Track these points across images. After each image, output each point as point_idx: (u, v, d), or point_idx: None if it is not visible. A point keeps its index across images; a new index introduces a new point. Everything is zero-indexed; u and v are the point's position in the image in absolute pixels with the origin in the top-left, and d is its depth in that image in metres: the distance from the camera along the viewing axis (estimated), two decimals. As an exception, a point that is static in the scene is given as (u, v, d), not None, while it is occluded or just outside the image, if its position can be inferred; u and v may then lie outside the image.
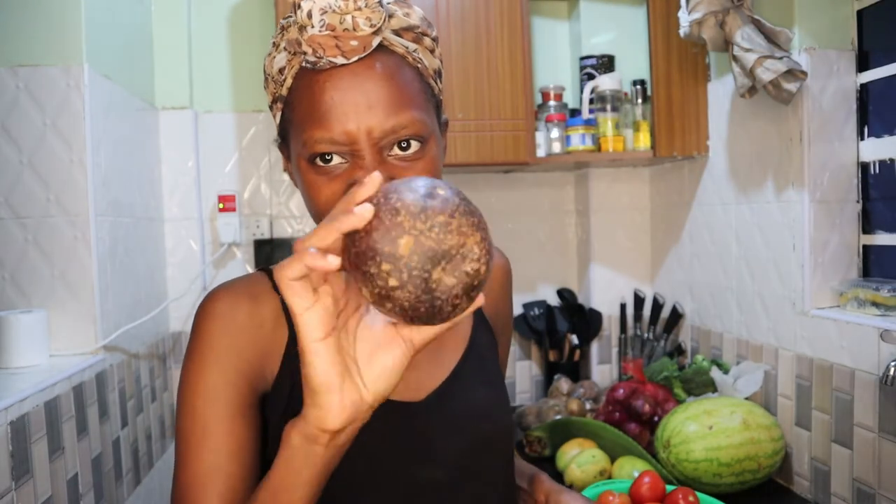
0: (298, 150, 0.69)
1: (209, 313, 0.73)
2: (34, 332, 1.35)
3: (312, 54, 0.66)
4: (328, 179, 0.69)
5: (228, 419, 0.70)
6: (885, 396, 1.25)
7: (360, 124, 0.66)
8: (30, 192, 1.41)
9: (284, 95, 0.71)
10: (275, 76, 0.71)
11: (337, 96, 0.66)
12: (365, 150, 0.66)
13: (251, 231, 2.11)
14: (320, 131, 0.66)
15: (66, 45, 1.42)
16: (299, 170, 0.71)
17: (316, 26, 0.65)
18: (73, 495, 1.29)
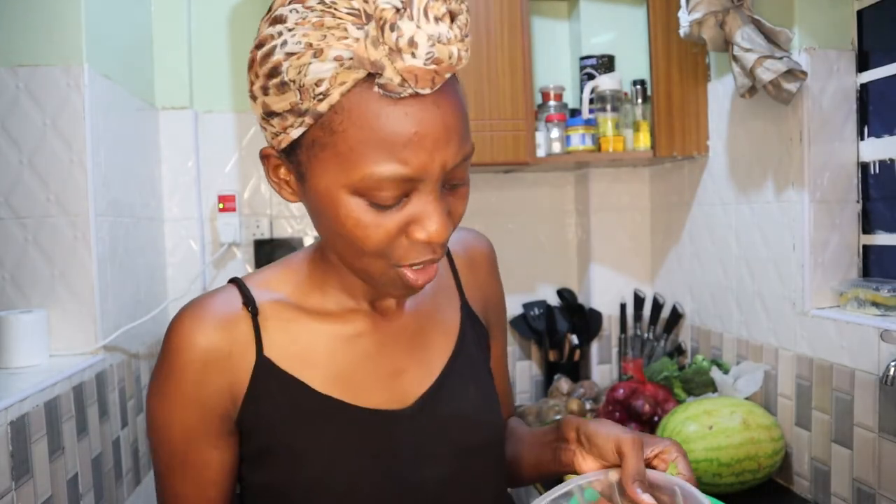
0: (343, 181, 0.60)
1: (177, 344, 0.69)
2: (34, 332, 1.35)
3: (399, 84, 0.57)
4: (383, 217, 0.62)
5: (205, 450, 0.70)
6: (885, 396, 1.25)
7: (437, 158, 0.60)
8: (30, 192, 1.41)
9: (321, 112, 0.59)
10: (308, 86, 0.58)
11: (420, 129, 0.58)
12: (433, 184, 0.61)
13: (251, 231, 2.11)
14: (392, 166, 0.58)
15: (66, 45, 1.42)
16: (336, 203, 0.62)
17: (420, 58, 0.55)
18: (73, 495, 1.29)
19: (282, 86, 0.60)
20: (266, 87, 0.61)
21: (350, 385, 0.72)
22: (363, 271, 0.67)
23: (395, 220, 0.62)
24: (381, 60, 0.56)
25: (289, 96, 0.60)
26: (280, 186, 0.68)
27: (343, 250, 0.66)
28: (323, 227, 0.67)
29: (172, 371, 0.69)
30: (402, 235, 0.63)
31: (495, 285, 0.90)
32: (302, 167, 0.64)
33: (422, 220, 0.62)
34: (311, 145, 0.61)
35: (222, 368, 0.70)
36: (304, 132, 0.61)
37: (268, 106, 0.62)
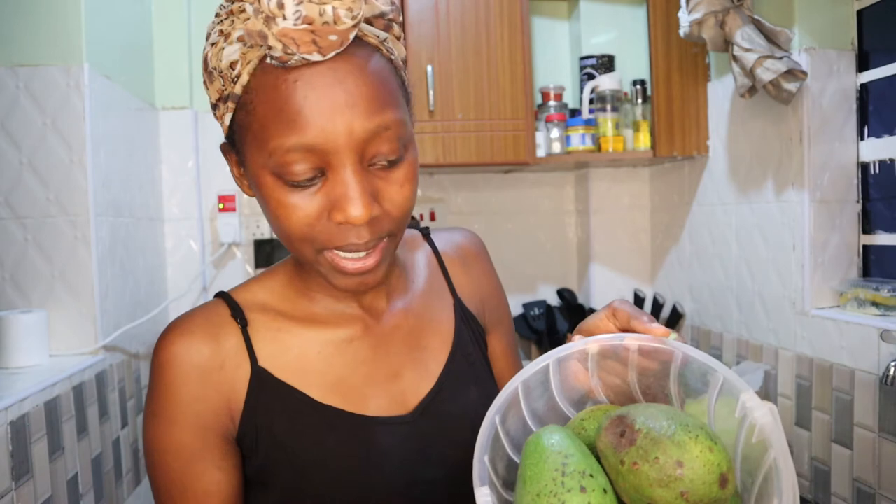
0: (262, 161, 0.60)
1: (165, 361, 0.66)
2: (34, 332, 1.35)
3: (283, 50, 0.56)
4: (301, 198, 0.60)
5: (207, 474, 0.66)
6: (884, 396, 1.25)
7: (338, 124, 0.57)
8: (30, 192, 1.41)
9: (238, 94, 0.60)
10: (223, 71, 0.60)
11: (312, 96, 0.57)
12: (345, 155, 0.58)
13: (251, 231, 2.11)
14: (293, 136, 0.57)
15: (66, 45, 1.42)
16: (261, 185, 0.61)
17: (290, 18, 0.54)
18: (73, 495, 1.29)
19: (210, 75, 0.62)
20: (205, 80, 0.63)
21: (348, 393, 0.70)
22: (303, 259, 0.65)
23: (315, 201, 0.60)
24: (263, 30, 0.56)
25: (217, 84, 0.62)
26: (240, 181, 0.67)
27: (279, 237, 0.64)
28: (268, 221, 0.65)
29: (165, 390, 0.66)
30: (322, 218, 0.61)
31: (490, 281, 0.87)
32: (240, 154, 0.64)
33: (339, 200, 0.59)
34: (238, 129, 0.62)
35: (216, 382, 0.67)
36: (232, 118, 0.62)
37: (210, 97, 0.64)
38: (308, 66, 0.57)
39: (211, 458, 0.66)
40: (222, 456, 0.67)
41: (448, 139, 1.86)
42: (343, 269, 0.63)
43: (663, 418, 0.54)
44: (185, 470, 0.66)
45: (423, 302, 0.78)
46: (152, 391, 0.68)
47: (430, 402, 0.73)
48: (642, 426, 0.53)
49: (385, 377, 0.72)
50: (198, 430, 0.66)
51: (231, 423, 0.68)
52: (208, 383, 0.67)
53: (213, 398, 0.67)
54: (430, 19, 1.87)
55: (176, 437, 0.66)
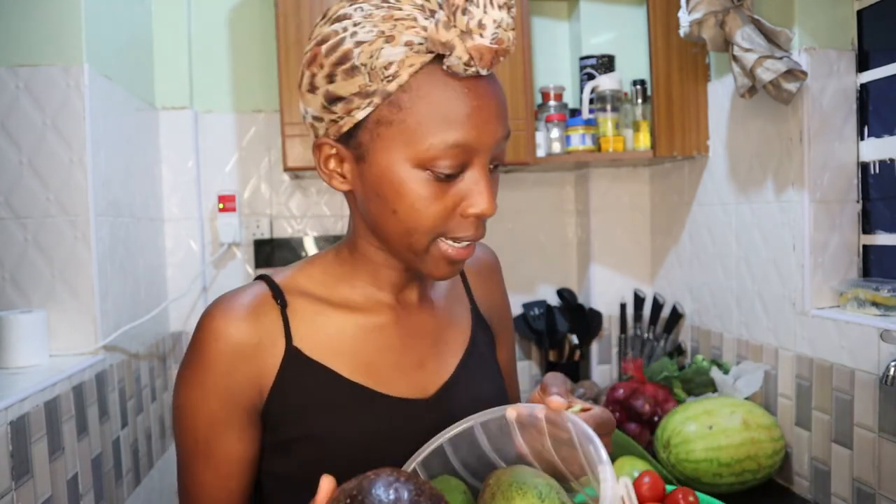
0: (408, 154, 0.67)
1: (208, 334, 0.73)
2: (34, 332, 1.35)
3: (465, 62, 0.64)
4: (443, 190, 0.68)
5: (229, 441, 0.73)
6: (884, 396, 1.25)
7: (492, 130, 0.68)
8: (30, 192, 1.41)
9: (389, 92, 0.66)
10: (379, 69, 0.66)
11: (478, 103, 0.67)
12: (485, 156, 0.68)
13: (251, 231, 2.11)
14: (456, 134, 0.66)
15: (66, 45, 1.42)
16: (398, 178, 0.68)
17: (486, 38, 0.63)
18: (73, 495, 1.29)
19: (352, 70, 0.67)
20: (333, 74, 0.68)
21: (376, 374, 0.77)
22: (411, 249, 0.71)
23: (450, 194, 0.69)
24: (452, 41, 0.63)
25: (358, 80, 0.67)
26: (330, 176, 0.73)
27: (394, 229, 0.70)
28: (376, 209, 0.71)
29: (202, 361, 0.72)
30: (454, 211, 0.69)
31: (501, 294, 0.97)
32: (362, 148, 0.69)
33: (474, 195, 0.68)
34: (375, 124, 0.68)
35: (251, 359, 0.73)
36: (370, 112, 0.67)
37: (332, 93, 0.68)
38: (475, 78, 0.67)
39: (234, 428, 0.73)
40: (244, 426, 0.74)
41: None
42: (451, 257, 0.72)
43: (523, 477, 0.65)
44: (209, 434, 0.73)
45: (446, 302, 0.87)
46: (190, 359, 0.74)
47: (448, 390, 0.80)
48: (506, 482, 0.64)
49: (410, 364, 0.79)
50: (226, 401, 0.72)
51: (258, 397, 0.74)
52: (243, 359, 0.73)
53: (245, 373, 0.73)
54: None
55: (205, 405, 0.72)
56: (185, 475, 0.76)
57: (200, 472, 0.74)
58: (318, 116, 0.71)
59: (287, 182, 2.15)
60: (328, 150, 0.73)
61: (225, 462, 0.74)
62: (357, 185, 0.72)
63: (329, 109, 0.69)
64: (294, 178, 2.14)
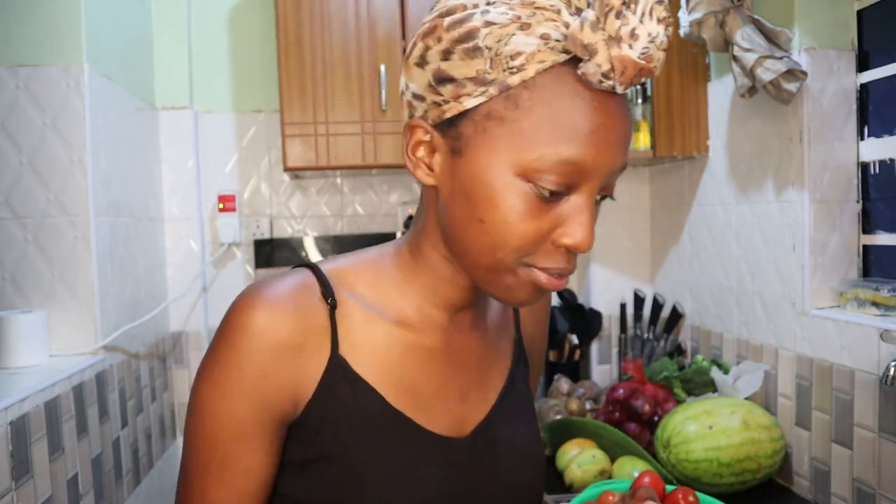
0: (514, 159, 0.58)
1: (245, 327, 0.62)
2: (34, 332, 1.35)
3: (603, 72, 0.56)
4: (540, 210, 0.59)
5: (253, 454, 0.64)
6: (885, 396, 1.25)
7: (610, 157, 0.59)
8: (30, 192, 1.41)
9: (509, 84, 0.58)
10: (504, 57, 0.57)
11: (607, 123, 0.58)
12: (596, 184, 0.60)
13: (251, 231, 2.11)
14: (573, 150, 0.57)
15: (66, 45, 1.42)
16: (497, 184, 0.59)
17: (636, 49, 0.55)
18: (73, 495, 1.29)
19: (473, 51, 0.58)
20: (450, 51, 0.59)
21: (419, 403, 0.68)
22: (492, 267, 0.62)
23: (548, 217, 0.60)
24: (596, 45, 0.55)
25: (477, 63, 0.58)
26: (416, 165, 0.65)
27: (475, 241, 0.61)
28: (460, 212, 0.62)
29: (234, 359, 0.62)
30: (547, 237, 0.61)
31: (544, 326, 0.89)
32: (462, 141, 0.61)
33: (572, 224, 0.60)
34: (484, 117, 0.59)
35: (291, 362, 0.64)
36: (482, 103, 0.59)
37: (443, 72, 0.60)
38: (608, 94, 0.58)
39: (261, 440, 0.64)
40: (272, 439, 0.64)
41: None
42: (542, 285, 0.62)
43: None
44: (230, 444, 0.63)
45: (493, 329, 0.78)
46: (219, 354, 0.63)
47: (486, 429, 0.72)
48: None
49: (452, 395, 0.71)
50: (257, 409, 0.63)
51: (293, 408, 0.65)
52: (282, 362, 0.63)
53: (283, 379, 0.63)
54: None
55: (232, 410, 0.63)
56: (191, 489, 0.65)
57: (212, 487, 0.64)
58: (420, 95, 0.62)
59: (287, 182, 2.15)
60: (421, 135, 0.63)
61: (243, 478, 0.64)
62: (445, 181, 0.63)
63: (435, 90, 0.61)
64: (294, 178, 2.14)
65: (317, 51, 1.84)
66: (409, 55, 0.63)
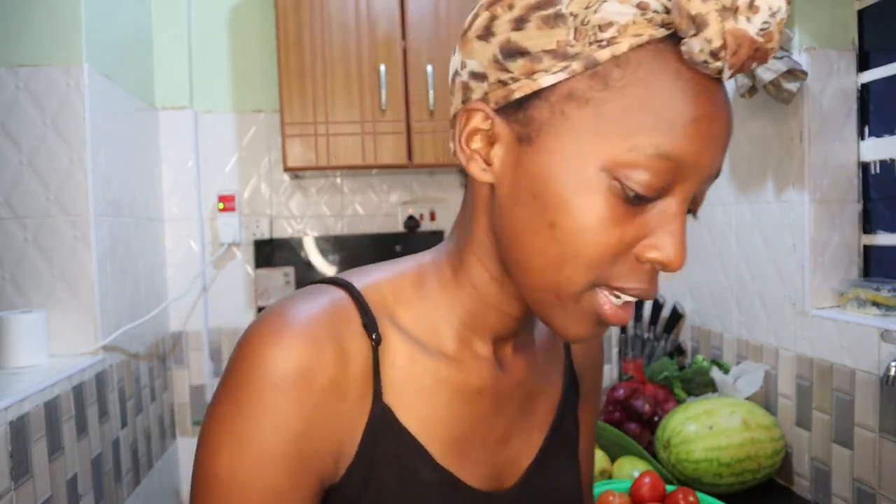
0: (599, 150, 0.48)
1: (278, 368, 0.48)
2: (34, 332, 1.35)
3: (712, 51, 0.46)
4: (626, 215, 0.49)
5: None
6: (885, 396, 1.25)
7: (710, 156, 0.49)
8: (30, 192, 1.41)
9: (597, 60, 0.47)
10: (592, 26, 0.47)
11: (712, 113, 0.48)
12: (691, 188, 0.49)
13: (251, 231, 2.11)
14: (674, 143, 0.47)
15: (66, 45, 1.42)
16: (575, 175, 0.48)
17: (755, 24, 0.45)
18: (72, 496, 1.29)
19: (555, 18, 0.48)
20: (524, 19, 0.49)
21: (463, 455, 0.58)
22: (552, 289, 0.51)
23: (634, 224, 0.49)
24: (706, 16, 0.45)
25: (558, 33, 0.48)
26: (469, 157, 0.53)
27: (541, 251, 0.50)
28: (524, 215, 0.51)
29: (269, 408, 0.48)
30: (629, 250, 0.50)
31: (601, 346, 0.76)
32: (532, 126, 0.50)
33: (662, 234, 0.49)
34: (563, 98, 0.49)
35: (335, 413, 0.51)
36: (562, 81, 0.49)
37: (514, 44, 0.50)
38: (709, 80, 0.48)
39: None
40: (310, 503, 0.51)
41: (448, 139, 1.86)
42: (605, 316, 0.52)
43: None
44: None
45: (542, 356, 0.66)
46: (243, 404, 0.48)
47: (531, 478, 0.63)
48: None
49: (495, 440, 0.60)
50: (294, 471, 0.49)
51: (335, 469, 0.52)
52: (326, 414, 0.50)
53: (327, 435, 0.51)
54: (430, 19, 1.87)
55: (265, 475, 0.48)
56: None
57: None
58: (481, 73, 0.52)
59: (287, 182, 2.14)
60: (479, 121, 0.53)
61: None
62: (506, 176, 0.52)
63: (502, 65, 0.50)
64: (294, 178, 2.14)
65: (317, 51, 1.84)
66: (469, 28, 0.54)
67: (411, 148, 1.88)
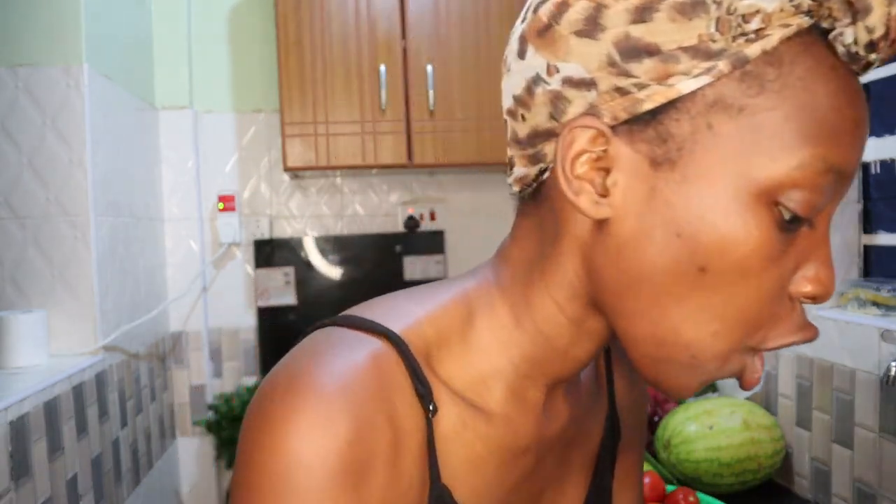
0: (758, 170, 0.38)
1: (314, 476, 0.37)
2: (34, 332, 1.35)
3: (877, 39, 0.38)
4: (781, 251, 0.40)
5: None
6: (885, 396, 1.25)
7: (856, 163, 0.41)
8: (30, 192, 1.41)
9: (747, 57, 0.38)
10: (737, 16, 0.38)
11: (864, 115, 0.40)
12: (835, 208, 0.42)
13: (251, 231, 2.11)
14: (842, 151, 0.39)
15: (66, 45, 1.42)
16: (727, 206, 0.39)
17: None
18: (72, 496, 1.29)
19: (692, 7, 0.38)
20: (649, 7, 0.39)
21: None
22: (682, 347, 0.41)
23: (787, 257, 0.40)
24: (870, 0, 0.37)
25: (697, 25, 0.38)
26: (579, 188, 0.41)
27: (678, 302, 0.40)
28: (661, 259, 0.40)
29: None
30: (786, 290, 0.41)
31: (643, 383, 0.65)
32: (672, 146, 0.39)
33: (815, 264, 0.41)
34: (708, 108, 0.39)
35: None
36: (705, 85, 0.39)
37: (637, 40, 0.39)
38: (855, 76, 0.41)
39: None
40: None
41: (448, 139, 1.86)
42: (746, 383, 0.43)
43: None
44: None
45: (587, 395, 0.57)
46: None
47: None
48: None
49: (529, 497, 0.52)
50: None
51: None
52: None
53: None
54: (430, 19, 1.87)
55: None
56: None
57: None
58: (586, 80, 0.40)
59: (287, 182, 2.14)
60: (586, 142, 0.41)
61: None
62: (631, 211, 0.41)
63: (620, 69, 0.39)
64: (294, 178, 2.14)
65: (317, 51, 1.84)
66: (555, 20, 0.41)
67: (411, 148, 1.88)
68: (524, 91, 0.44)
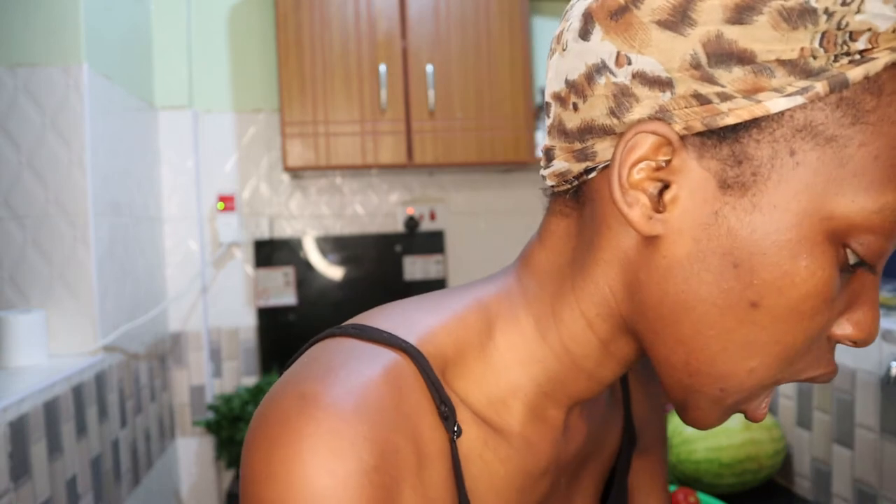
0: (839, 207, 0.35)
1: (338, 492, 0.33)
2: (33, 332, 1.35)
3: None
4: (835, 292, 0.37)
5: None
6: (886, 396, 1.25)
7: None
8: (29, 192, 1.41)
9: (845, 81, 0.34)
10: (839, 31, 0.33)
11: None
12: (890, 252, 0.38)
13: (251, 231, 2.11)
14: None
15: (66, 45, 1.42)
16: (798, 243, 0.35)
17: None
18: (72, 496, 1.29)
19: (800, 15, 0.33)
20: (752, 7, 0.34)
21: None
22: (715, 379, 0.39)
23: (838, 300, 0.38)
24: None
25: (801, 37, 0.33)
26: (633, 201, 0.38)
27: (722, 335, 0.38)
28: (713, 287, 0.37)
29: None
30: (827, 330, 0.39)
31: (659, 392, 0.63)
32: (747, 168, 0.36)
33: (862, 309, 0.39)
34: (796, 133, 0.35)
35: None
36: (798, 106, 0.34)
37: (731, 43, 0.34)
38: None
39: None
40: None
41: (448, 139, 1.86)
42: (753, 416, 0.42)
43: None
44: None
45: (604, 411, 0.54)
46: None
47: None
48: None
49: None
50: None
51: None
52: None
53: None
54: (430, 19, 1.87)
55: None
56: None
57: None
58: (663, 79, 0.36)
59: (287, 182, 2.14)
60: (650, 149, 0.37)
61: None
62: (686, 232, 0.37)
63: (705, 73, 0.35)
64: (294, 178, 2.14)
65: (317, 51, 1.84)
66: (637, 5, 0.36)
67: (411, 148, 1.88)
68: (583, 77, 0.39)
